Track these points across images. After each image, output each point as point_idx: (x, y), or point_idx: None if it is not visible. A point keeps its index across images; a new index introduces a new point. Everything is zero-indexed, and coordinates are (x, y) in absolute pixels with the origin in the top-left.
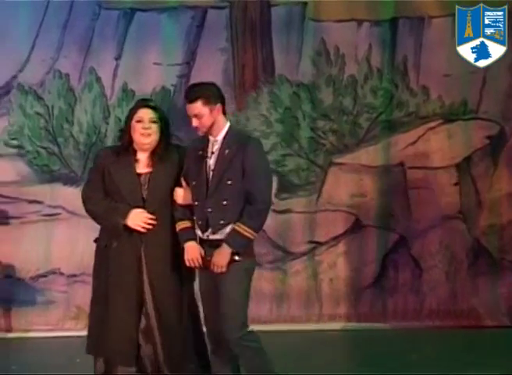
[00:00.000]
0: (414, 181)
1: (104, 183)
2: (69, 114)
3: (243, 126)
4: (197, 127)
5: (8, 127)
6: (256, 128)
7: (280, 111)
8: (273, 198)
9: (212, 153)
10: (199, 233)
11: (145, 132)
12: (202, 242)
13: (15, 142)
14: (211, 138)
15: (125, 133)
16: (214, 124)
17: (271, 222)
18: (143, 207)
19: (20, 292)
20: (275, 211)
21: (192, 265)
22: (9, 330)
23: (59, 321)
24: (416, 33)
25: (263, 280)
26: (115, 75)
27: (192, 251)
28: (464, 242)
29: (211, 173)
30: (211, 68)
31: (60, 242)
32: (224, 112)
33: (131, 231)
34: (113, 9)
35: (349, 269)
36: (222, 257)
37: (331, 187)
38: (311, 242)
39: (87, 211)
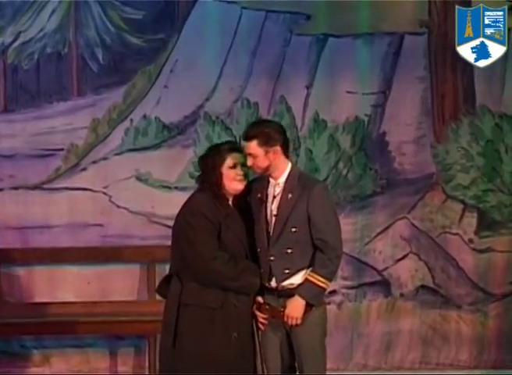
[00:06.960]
0: None
1: (219, 239)
2: None
3: (442, 159)
4: (251, 167)
5: (194, 159)
6: (456, 161)
7: (482, 144)
8: (473, 236)
9: (274, 197)
10: (264, 282)
11: (242, 178)
12: (269, 291)
13: None
14: (271, 181)
15: (218, 179)
16: (271, 166)
17: (470, 261)
18: None
19: None
20: (475, 250)
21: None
22: None
23: None
24: None
25: (462, 323)
26: (306, 104)
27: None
28: None
29: (273, 218)
30: (408, 97)
31: None
32: (286, 154)
33: None
34: (305, 35)
35: None
36: (295, 309)
37: None
38: None
39: (214, 271)
